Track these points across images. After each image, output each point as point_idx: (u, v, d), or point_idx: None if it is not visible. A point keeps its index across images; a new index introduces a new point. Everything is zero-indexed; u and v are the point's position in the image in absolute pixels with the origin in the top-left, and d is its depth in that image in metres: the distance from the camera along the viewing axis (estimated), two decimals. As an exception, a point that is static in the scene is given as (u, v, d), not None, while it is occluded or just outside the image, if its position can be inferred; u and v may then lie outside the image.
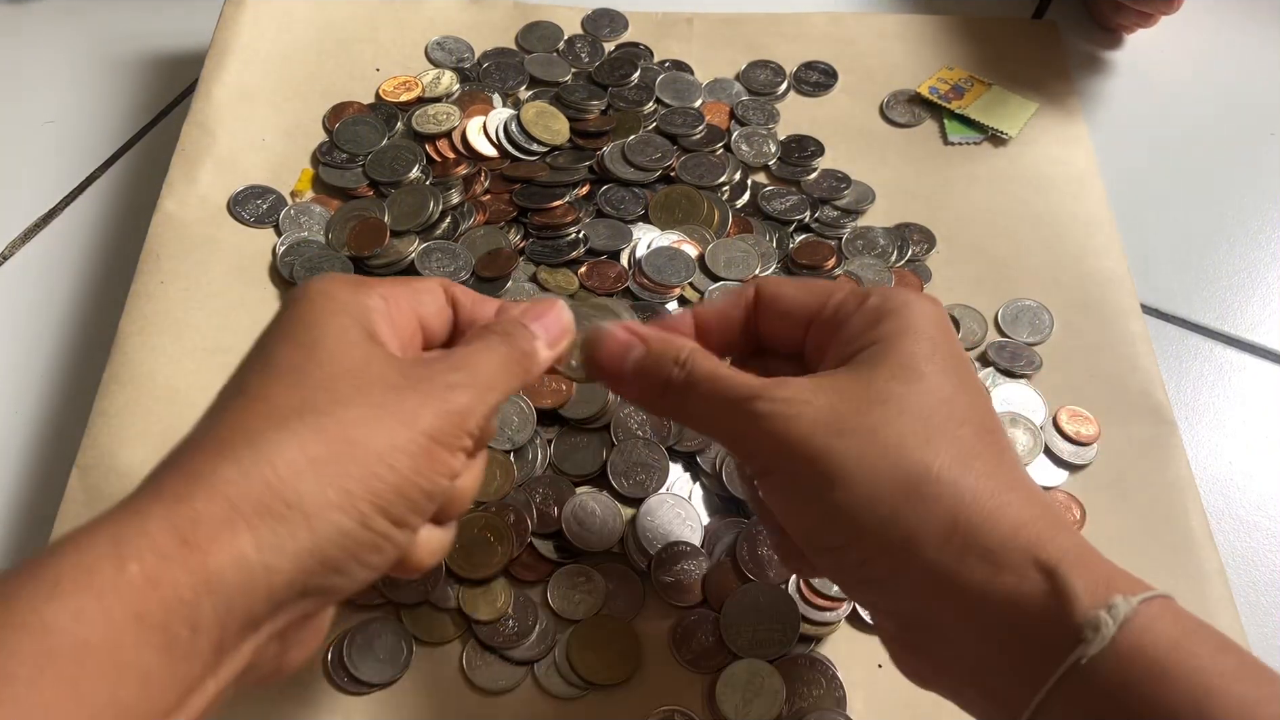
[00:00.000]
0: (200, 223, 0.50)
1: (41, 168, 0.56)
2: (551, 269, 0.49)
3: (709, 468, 0.43)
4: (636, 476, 0.43)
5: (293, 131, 0.54)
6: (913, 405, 0.29)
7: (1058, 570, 0.27)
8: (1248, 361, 0.50)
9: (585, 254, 0.49)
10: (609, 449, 0.43)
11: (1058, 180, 0.54)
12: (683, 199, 0.52)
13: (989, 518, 0.28)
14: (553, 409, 0.44)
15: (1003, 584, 0.27)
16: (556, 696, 0.38)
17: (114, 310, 0.47)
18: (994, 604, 0.27)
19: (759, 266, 0.49)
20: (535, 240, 0.50)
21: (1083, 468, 0.44)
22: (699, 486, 0.43)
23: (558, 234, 0.50)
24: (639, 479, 0.43)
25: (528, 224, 0.50)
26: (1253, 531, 0.45)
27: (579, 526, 0.41)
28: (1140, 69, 0.61)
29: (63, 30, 0.62)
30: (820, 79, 0.58)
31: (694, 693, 0.39)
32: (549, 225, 0.50)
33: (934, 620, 0.29)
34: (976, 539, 0.27)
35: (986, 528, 0.27)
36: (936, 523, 0.28)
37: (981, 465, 0.29)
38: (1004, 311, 0.49)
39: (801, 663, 0.39)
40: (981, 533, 0.27)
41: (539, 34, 0.59)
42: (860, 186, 0.53)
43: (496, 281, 0.48)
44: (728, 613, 0.40)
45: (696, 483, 0.43)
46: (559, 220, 0.50)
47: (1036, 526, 0.28)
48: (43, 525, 0.42)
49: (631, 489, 0.43)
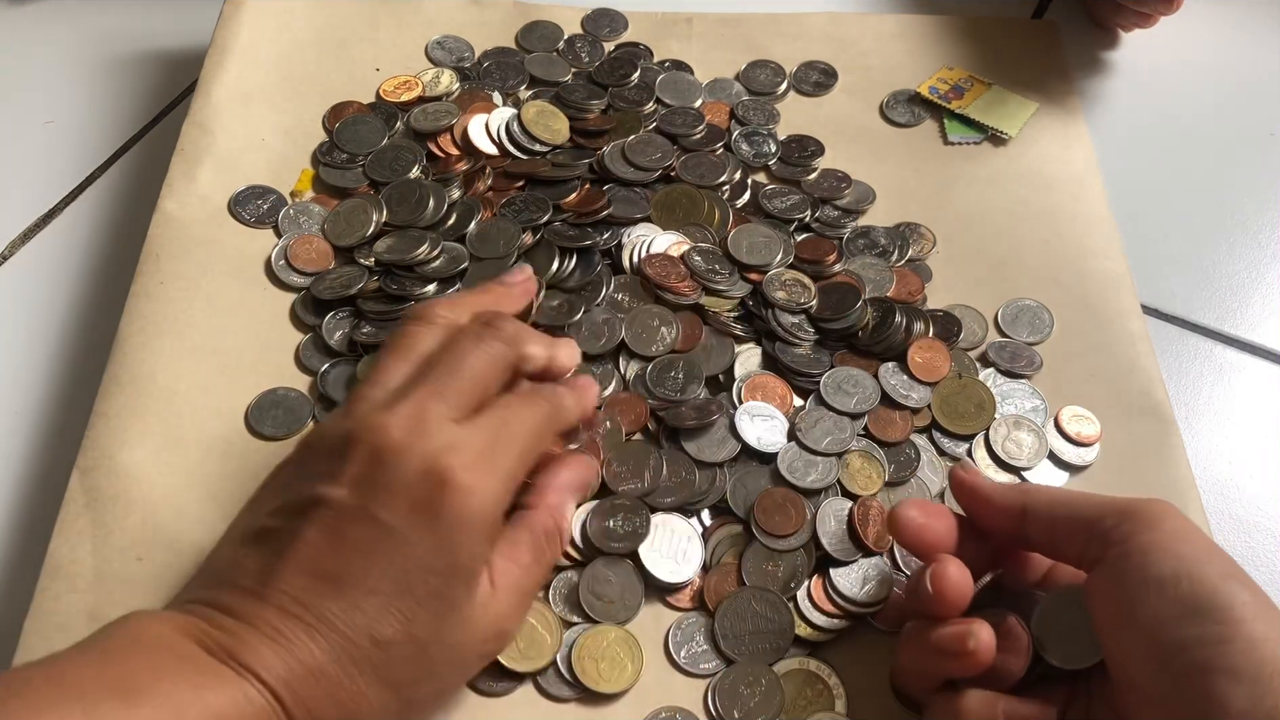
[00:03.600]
0: (200, 223, 0.50)
1: (41, 168, 0.56)
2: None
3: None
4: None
5: (293, 131, 0.54)
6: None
7: None
8: (1248, 361, 0.50)
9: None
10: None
11: (1058, 180, 0.54)
12: (683, 198, 0.52)
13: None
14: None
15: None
16: (556, 699, 0.38)
17: (114, 310, 0.47)
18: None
19: (780, 253, 0.49)
20: (562, 224, 0.50)
21: (1083, 468, 0.44)
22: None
23: (590, 216, 0.50)
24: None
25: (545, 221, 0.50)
26: (1253, 531, 0.45)
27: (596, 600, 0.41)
28: (1140, 69, 0.61)
29: (63, 30, 0.62)
30: (820, 79, 0.58)
31: (693, 695, 0.39)
32: (581, 211, 0.50)
33: None
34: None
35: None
36: None
37: None
38: (1004, 311, 0.49)
39: (801, 665, 0.39)
40: None
41: (539, 34, 0.59)
42: (861, 186, 0.53)
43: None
44: (722, 617, 0.40)
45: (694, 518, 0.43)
46: (587, 209, 0.50)
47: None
48: (43, 525, 0.42)
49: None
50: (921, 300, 0.49)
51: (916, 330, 0.47)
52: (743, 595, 0.40)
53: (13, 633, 0.39)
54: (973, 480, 0.38)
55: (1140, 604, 0.31)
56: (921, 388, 0.46)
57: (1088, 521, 0.34)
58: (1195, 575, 0.31)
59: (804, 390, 0.46)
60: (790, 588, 0.40)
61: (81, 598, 0.39)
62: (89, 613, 0.39)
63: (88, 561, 0.40)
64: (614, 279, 0.49)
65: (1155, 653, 0.31)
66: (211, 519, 0.41)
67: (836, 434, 0.44)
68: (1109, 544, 0.33)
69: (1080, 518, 0.34)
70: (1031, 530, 0.36)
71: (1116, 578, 0.32)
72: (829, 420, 0.45)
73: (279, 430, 0.44)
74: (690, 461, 0.43)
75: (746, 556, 0.41)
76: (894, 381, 0.46)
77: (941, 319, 0.48)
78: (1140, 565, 0.32)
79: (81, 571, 0.40)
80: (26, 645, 0.38)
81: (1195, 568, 0.31)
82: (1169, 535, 0.32)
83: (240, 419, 0.44)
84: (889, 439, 0.44)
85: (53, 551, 0.40)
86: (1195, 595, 0.31)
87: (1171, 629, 0.31)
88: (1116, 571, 0.32)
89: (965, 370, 0.47)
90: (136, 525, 0.41)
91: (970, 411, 0.45)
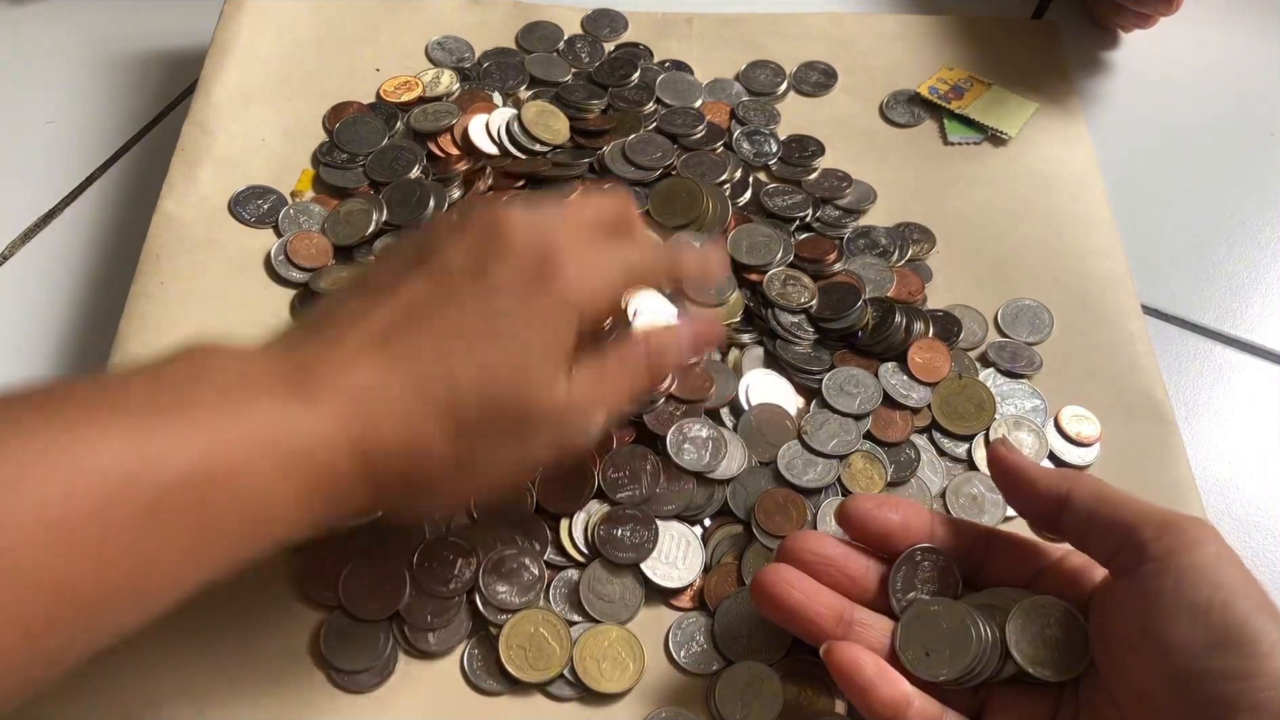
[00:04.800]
0: (200, 223, 0.50)
1: (41, 168, 0.56)
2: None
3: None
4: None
5: (293, 131, 0.54)
6: None
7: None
8: (1248, 361, 0.50)
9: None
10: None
11: (1058, 180, 0.54)
12: (683, 192, 0.51)
13: None
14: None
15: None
16: (557, 699, 0.38)
17: (114, 310, 0.47)
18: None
19: (780, 253, 0.49)
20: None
21: (1084, 469, 0.44)
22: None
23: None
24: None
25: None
26: (1253, 531, 0.45)
27: (599, 600, 0.41)
28: (1140, 69, 0.61)
29: (63, 30, 0.62)
30: (820, 79, 0.58)
31: (693, 695, 0.39)
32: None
33: None
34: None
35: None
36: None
37: None
38: (1004, 311, 0.49)
39: (801, 665, 0.39)
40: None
41: (539, 34, 0.59)
42: (861, 186, 0.53)
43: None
44: (722, 617, 0.40)
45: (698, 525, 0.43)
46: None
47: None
48: (43, 525, 0.42)
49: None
50: (922, 300, 0.49)
51: (916, 330, 0.47)
52: (743, 595, 0.40)
53: (13, 632, 0.39)
54: (1015, 460, 0.37)
55: (1169, 627, 0.31)
56: (921, 388, 0.46)
57: (1126, 526, 0.33)
58: (1229, 606, 0.31)
59: (805, 388, 0.46)
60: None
61: (81, 597, 0.39)
62: (89, 612, 0.39)
63: (88, 561, 0.40)
64: None
65: (1175, 675, 0.31)
66: (211, 519, 0.41)
67: (842, 436, 0.44)
68: (1145, 558, 0.32)
69: (1120, 520, 0.34)
70: (1066, 520, 0.35)
71: (1146, 595, 0.32)
72: (834, 422, 0.45)
73: (279, 430, 0.44)
74: (686, 472, 0.43)
75: (746, 556, 0.41)
76: (894, 381, 0.46)
77: (941, 319, 0.48)
78: (1175, 588, 0.31)
79: (81, 571, 0.39)
80: (26, 645, 0.38)
81: (1230, 598, 0.31)
82: (1210, 561, 0.32)
83: (240, 419, 0.44)
84: (889, 439, 0.44)
85: (53, 551, 0.40)
86: (1226, 626, 0.30)
87: (1197, 657, 0.30)
88: (1148, 589, 0.32)
89: (965, 370, 0.47)
90: (136, 525, 0.41)
91: (970, 412, 0.45)
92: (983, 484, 0.43)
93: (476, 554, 0.40)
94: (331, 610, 0.39)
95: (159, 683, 0.38)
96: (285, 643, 0.39)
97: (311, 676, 0.38)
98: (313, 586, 0.40)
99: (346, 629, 0.39)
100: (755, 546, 0.41)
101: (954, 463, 0.45)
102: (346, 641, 0.39)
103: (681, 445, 0.43)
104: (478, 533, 0.41)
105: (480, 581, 0.40)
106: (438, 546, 0.40)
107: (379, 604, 0.39)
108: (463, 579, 0.40)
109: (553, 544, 0.41)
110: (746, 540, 0.42)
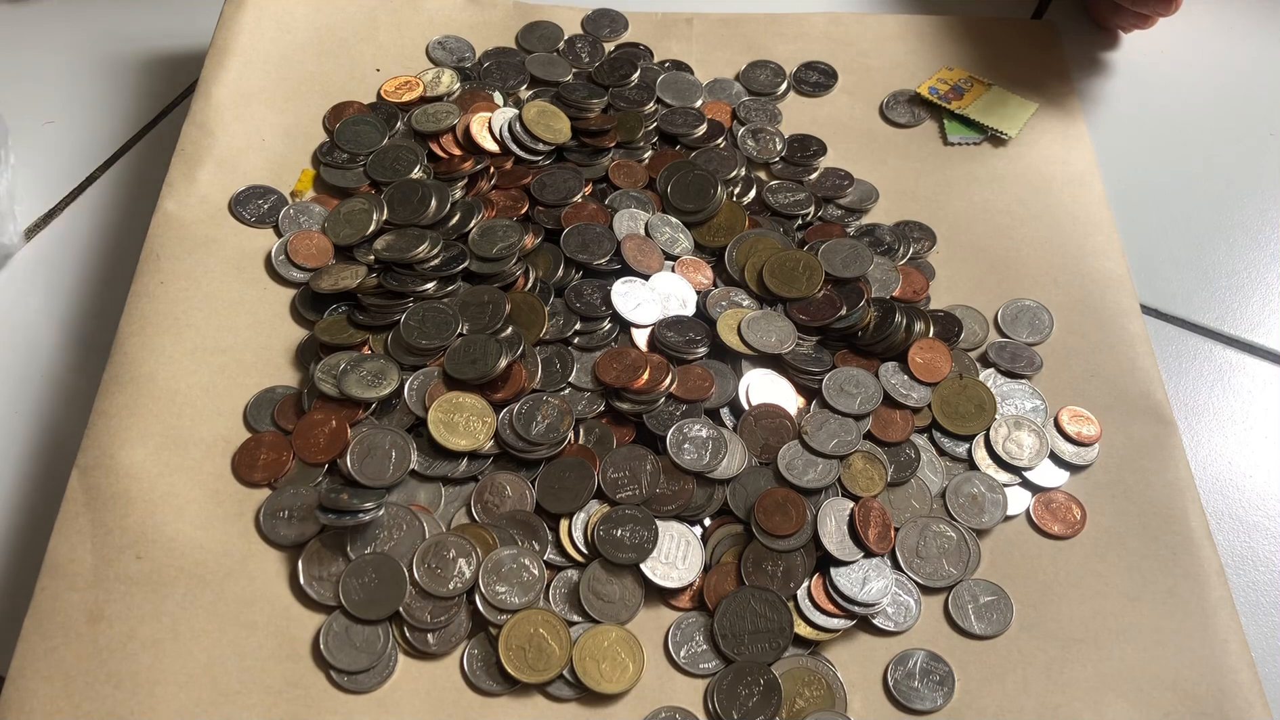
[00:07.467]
0: (200, 223, 0.50)
1: (41, 168, 0.56)
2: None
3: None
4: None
5: (293, 131, 0.54)
6: None
7: None
8: (1248, 361, 0.50)
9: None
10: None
11: (1058, 180, 0.54)
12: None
13: None
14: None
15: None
16: (557, 699, 0.38)
17: (114, 310, 0.47)
18: None
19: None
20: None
21: (1084, 468, 0.44)
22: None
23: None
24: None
25: (538, 216, 0.51)
26: (1253, 531, 0.45)
27: (598, 600, 0.41)
28: (1140, 69, 0.61)
29: (63, 30, 0.62)
30: (820, 79, 0.58)
31: (693, 695, 0.39)
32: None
33: None
34: None
35: None
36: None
37: None
38: (1004, 311, 0.49)
39: (801, 664, 0.39)
40: None
41: (539, 34, 0.59)
42: (864, 185, 0.53)
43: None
44: (721, 617, 0.40)
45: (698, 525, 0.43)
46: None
47: None
48: (43, 525, 0.42)
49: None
50: (926, 299, 0.49)
51: (917, 330, 0.47)
52: (742, 595, 0.40)
53: (13, 632, 0.39)
54: None
55: None
56: (922, 388, 0.46)
57: None
58: None
59: (805, 388, 0.46)
60: (790, 588, 0.40)
61: (81, 596, 0.39)
62: (89, 612, 0.39)
63: (87, 560, 0.40)
64: (575, 367, 0.46)
65: None
66: (211, 518, 0.41)
67: (843, 436, 0.44)
68: None
69: None
70: None
71: None
72: (834, 423, 0.45)
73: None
74: (685, 473, 0.43)
75: (746, 556, 0.41)
76: (894, 381, 0.46)
77: (942, 319, 0.48)
78: None
79: (81, 570, 0.40)
80: (26, 645, 0.38)
81: None
82: None
83: (240, 418, 0.44)
84: (889, 439, 0.44)
85: (52, 550, 0.40)
86: None
87: None
88: None
89: (966, 370, 0.47)
90: (136, 524, 0.41)
91: (971, 412, 0.45)
92: (983, 484, 0.43)
93: (476, 554, 0.40)
94: (331, 610, 0.40)
95: (159, 683, 0.38)
96: (285, 643, 0.39)
97: (311, 677, 0.38)
98: (313, 586, 0.40)
99: (346, 629, 0.39)
100: (755, 546, 0.41)
101: (954, 463, 0.45)
102: (346, 642, 0.39)
103: (681, 445, 0.43)
104: (478, 533, 0.41)
105: (480, 581, 0.40)
106: (438, 546, 0.41)
107: (379, 604, 0.39)
108: (463, 579, 0.40)
109: (553, 544, 0.41)
110: (746, 540, 0.42)
